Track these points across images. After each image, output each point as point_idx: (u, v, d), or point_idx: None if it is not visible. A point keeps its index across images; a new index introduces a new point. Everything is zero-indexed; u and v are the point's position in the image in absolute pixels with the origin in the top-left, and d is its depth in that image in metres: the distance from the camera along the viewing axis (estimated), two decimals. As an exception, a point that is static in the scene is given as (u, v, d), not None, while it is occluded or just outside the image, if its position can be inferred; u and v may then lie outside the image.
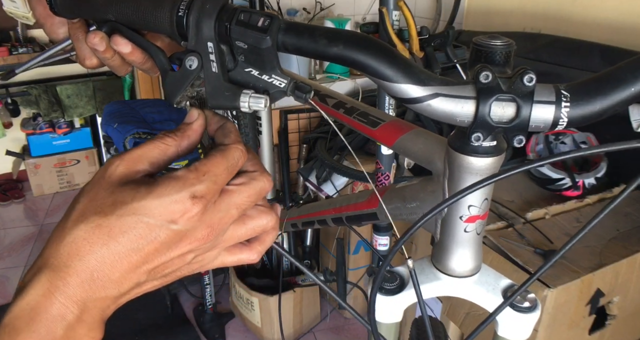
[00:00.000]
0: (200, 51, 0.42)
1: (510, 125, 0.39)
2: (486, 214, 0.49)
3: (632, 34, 1.50)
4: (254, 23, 0.40)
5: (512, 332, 0.54)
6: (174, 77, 0.43)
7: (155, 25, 0.42)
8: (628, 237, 1.19)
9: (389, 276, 0.55)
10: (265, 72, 0.42)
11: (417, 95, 0.40)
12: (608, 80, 0.38)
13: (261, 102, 0.42)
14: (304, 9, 2.33)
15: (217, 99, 0.43)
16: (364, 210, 0.68)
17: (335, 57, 0.41)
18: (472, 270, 0.52)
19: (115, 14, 0.44)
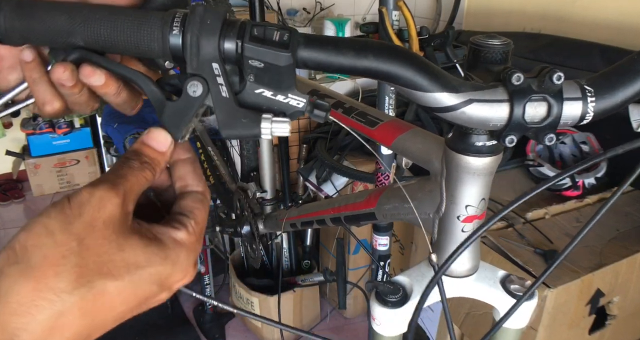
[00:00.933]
0: (204, 74, 0.36)
1: (542, 125, 0.39)
2: (484, 214, 0.49)
3: (632, 34, 1.50)
4: (271, 38, 0.36)
5: (511, 320, 0.55)
6: (175, 108, 0.37)
7: (139, 49, 0.36)
8: (628, 237, 1.19)
9: (391, 288, 0.54)
10: (281, 91, 0.37)
11: (451, 104, 0.39)
12: (626, 71, 0.39)
13: (285, 127, 0.37)
14: (304, 9, 2.33)
15: (232, 127, 0.37)
16: (362, 210, 0.68)
17: (364, 71, 0.37)
18: (470, 270, 0.52)
19: (84, 37, 0.36)
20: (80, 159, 3.10)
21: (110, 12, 0.36)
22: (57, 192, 3.08)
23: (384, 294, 0.53)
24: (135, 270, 0.30)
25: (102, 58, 0.38)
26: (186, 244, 0.33)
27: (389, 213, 0.61)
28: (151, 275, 0.31)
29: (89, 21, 0.36)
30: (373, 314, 0.54)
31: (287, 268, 1.92)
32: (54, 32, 0.36)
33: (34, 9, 0.36)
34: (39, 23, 0.36)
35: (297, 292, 1.81)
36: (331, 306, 2.06)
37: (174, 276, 0.32)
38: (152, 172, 0.35)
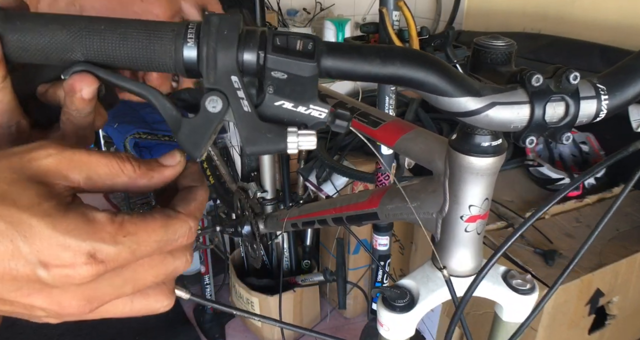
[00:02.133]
0: (223, 88, 0.33)
1: (560, 124, 0.40)
2: (487, 214, 0.50)
3: (632, 34, 1.50)
4: (294, 48, 0.34)
5: (513, 314, 0.57)
6: (193, 126, 0.34)
7: (150, 63, 0.34)
8: (628, 237, 1.19)
9: (398, 293, 0.53)
10: (302, 103, 0.35)
11: (475, 108, 0.38)
12: (635, 68, 0.40)
13: (312, 140, 0.35)
14: (304, 9, 2.33)
15: (257, 143, 0.34)
16: (365, 210, 0.69)
17: (389, 78, 0.36)
18: (473, 270, 0.52)
19: (86, 52, 0.33)
20: (80, 158, 3.10)
21: (115, 24, 0.33)
22: (57, 192, 3.07)
23: (391, 299, 0.53)
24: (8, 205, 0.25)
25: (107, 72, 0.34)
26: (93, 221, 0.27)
27: (392, 213, 0.61)
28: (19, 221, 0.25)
29: (91, 34, 0.33)
30: (381, 320, 0.54)
31: (287, 268, 1.92)
32: (49, 48, 0.33)
33: (25, 21, 0.32)
34: (31, 37, 0.32)
35: (297, 292, 1.82)
36: (331, 306, 2.06)
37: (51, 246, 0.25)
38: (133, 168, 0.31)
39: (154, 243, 0.28)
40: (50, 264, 0.25)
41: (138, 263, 0.29)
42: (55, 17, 0.33)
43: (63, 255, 0.25)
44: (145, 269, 0.29)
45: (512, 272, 0.57)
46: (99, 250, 0.26)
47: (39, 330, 1.94)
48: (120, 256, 0.27)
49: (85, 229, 0.26)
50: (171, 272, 0.30)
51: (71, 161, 0.28)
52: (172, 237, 0.29)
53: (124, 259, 0.27)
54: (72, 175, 0.28)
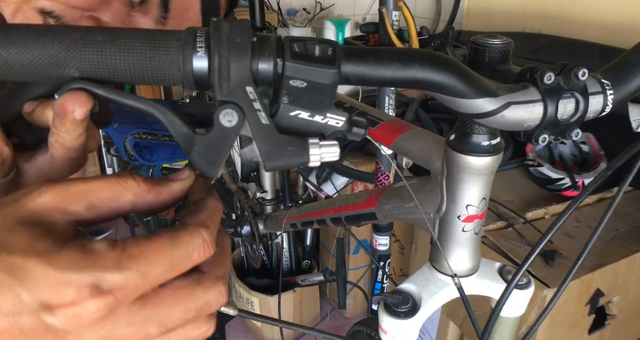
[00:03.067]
0: (238, 100, 0.31)
1: (571, 121, 0.40)
2: (484, 214, 0.50)
3: (632, 34, 1.50)
4: (313, 54, 0.31)
5: (510, 309, 0.57)
6: (207, 143, 0.31)
7: (154, 75, 0.30)
8: (628, 237, 1.19)
9: (400, 298, 0.53)
10: (319, 112, 0.33)
11: (492, 108, 0.38)
12: (635, 61, 0.41)
13: (335, 151, 0.33)
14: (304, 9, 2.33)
15: (279, 158, 0.32)
16: (363, 210, 0.68)
17: (409, 81, 0.34)
18: (471, 270, 0.52)
19: (82, 66, 0.29)
20: (80, 159, 3.10)
21: (114, 34, 0.30)
22: (57, 192, 3.08)
23: (394, 306, 0.52)
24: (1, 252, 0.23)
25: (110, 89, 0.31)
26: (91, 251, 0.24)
27: (390, 213, 0.61)
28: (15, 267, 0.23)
29: (87, 46, 0.29)
30: (384, 327, 0.53)
31: (287, 268, 1.92)
32: (38, 63, 0.29)
33: (9, 34, 0.29)
34: (16, 52, 0.28)
35: (297, 292, 1.82)
36: (331, 306, 2.06)
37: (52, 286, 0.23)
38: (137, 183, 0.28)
39: (165, 261, 0.25)
40: (54, 306, 0.23)
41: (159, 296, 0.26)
42: (45, 28, 0.29)
43: (65, 293, 0.23)
44: (170, 304, 0.26)
45: (507, 268, 0.57)
46: (103, 280, 0.23)
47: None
48: (129, 282, 0.24)
49: (83, 260, 0.24)
50: (203, 307, 0.27)
51: (67, 194, 0.26)
52: (185, 252, 0.26)
53: (135, 286, 0.24)
54: (72, 208, 0.26)
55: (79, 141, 0.32)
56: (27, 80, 0.30)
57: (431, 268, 0.54)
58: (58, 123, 0.31)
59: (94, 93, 0.30)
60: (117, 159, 3.06)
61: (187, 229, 0.27)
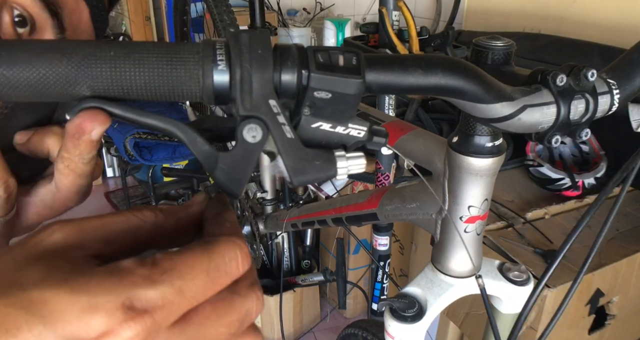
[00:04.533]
0: (261, 115, 0.29)
1: (581, 122, 0.41)
2: (486, 215, 0.50)
3: (632, 34, 1.50)
4: (337, 64, 0.30)
5: (511, 306, 0.58)
6: (231, 160, 0.30)
7: (172, 91, 0.29)
8: (628, 237, 1.19)
9: (407, 302, 0.53)
10: (341, 122, 0.32)
11: (509, 112, 0.38)
12: (638, 60, 0.41)
13: (362, 163, 0.32)
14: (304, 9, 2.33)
15: (306, 172, 0.31)
16: (364, 211, 0.69)
17: (431, 89, 0.34)
18: (473, 271, 0.52)
19: (94, 84, 0.27)
20: (80, 158, 3.10)
21: (127, 48, 0.28)
22: (57, 192, 3.08)
23: (401, 310, 0.52)
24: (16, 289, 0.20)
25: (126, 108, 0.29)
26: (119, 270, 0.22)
27: (391, 213, 0.61)
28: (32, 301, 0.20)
29: (99, 62, 0.27)
30: (391, 332, 0.53)
31: (287, 268, 1.92)
32: (45, 83, 0.27)
33: (12, 51, 0.26)
34: (21, 71, 0.26)
35: (297, 292, 1.82)
36: (331, 306, 2.06)
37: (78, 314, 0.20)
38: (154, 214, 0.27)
39: (202, 273, 0.23)
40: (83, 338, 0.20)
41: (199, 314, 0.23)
42: (51, 44, 0.27)
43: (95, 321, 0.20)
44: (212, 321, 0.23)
45: (507, 265, 0.58)
46: (135, 298, 0.20)
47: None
48: (165, 299, 0.21)
49: (110, 279, 0.21)
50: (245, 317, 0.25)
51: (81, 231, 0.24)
52: (221, 261, 0.24)
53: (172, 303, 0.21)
54: (88, 245, 0.24)
55: (90, 166, 0.30)
56: (33, 100, 0.28)
57: (434, 270, 0.54)
58: (71, 146, 0.29)
59: (109, 112, 0.28)
60: (117, 159, 3.07)
61: (219, 239, 0.25)
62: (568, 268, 1.08)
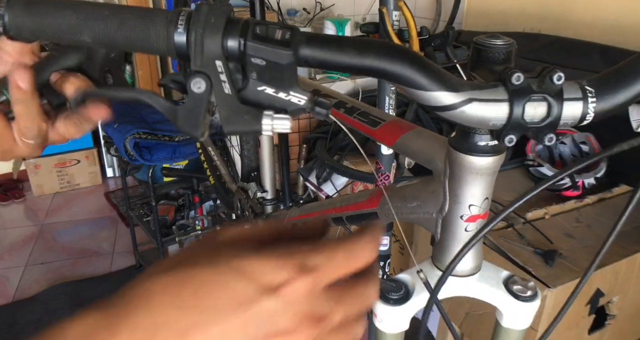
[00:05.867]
0: (207, 72, 0.37)
1: (542, 125, 0.39)
2: (487, 213, 0.50)
3: (632, 34, 1.50)
4: (273, 36, 0.36)
5: (514, 321, 0.55)
6: (186, 110, 0.37)
7: (145, 46, 0.37)
8: (628, 237, 1.19)
9: (394, 285, 0.54)
10: (283, 89, 0.38)
11: (451, 102, 0.39)
12: (628, 72, 0.39)
13: (286, 124, 0.38)
14: (304, 9, 2.33)
15: (234, 123, 0.38)
16: (365, 210, 0.69)
17: (365, 69, 0.38)
18: (473, 269, 0.52)
19: (91, 34, 0.37)
20: (81, 159, 3.10)
21: (117, 10, 0.37)
22: (57, 192, 3.08)
23: (386, 291, 0.54)
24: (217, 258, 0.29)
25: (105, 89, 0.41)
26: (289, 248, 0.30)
27: (391, 213, 0.61)
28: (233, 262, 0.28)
29: (96, 19, 0.37)
30: (375, 311, 0.55)
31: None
32: (63, 30, 0.37)
33: (44, 7, 0.37)
34: (48, 20, 0.37)
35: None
36: (331, 306, 2.06)
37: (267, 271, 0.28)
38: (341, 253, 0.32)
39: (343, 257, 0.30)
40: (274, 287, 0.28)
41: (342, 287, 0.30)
42: (66, 4, 0.37)
43: (281, 274, 0.28)
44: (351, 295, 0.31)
45: (515, 278, 0.55)
46: (306, 260, 0.29)
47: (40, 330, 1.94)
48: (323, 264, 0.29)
49: (287, 251, 0.29)
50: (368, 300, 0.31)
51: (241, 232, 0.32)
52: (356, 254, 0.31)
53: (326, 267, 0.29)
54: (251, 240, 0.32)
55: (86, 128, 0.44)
56: (56, 41, 0.39)
57: (432, 264, 0.54)
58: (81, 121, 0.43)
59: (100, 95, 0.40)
60: (117, 159, 3.07)
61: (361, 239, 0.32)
62: (568, 268, 1.08)
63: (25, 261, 2.40)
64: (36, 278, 2.28)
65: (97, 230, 2.68)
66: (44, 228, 2.71)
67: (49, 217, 2.81)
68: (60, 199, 3.02)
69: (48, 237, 2.62)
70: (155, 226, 1.91)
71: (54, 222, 2.76)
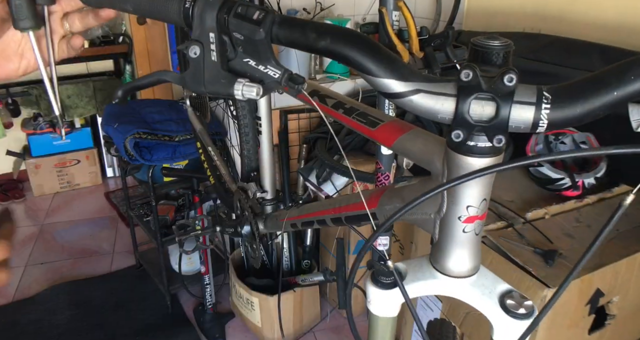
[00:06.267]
0: (202, 40, 0.45)
1: (489, 125, 0.40)
2: (485, 215, 0.49)
3: (632, 34, 1.50)
4: (250, 16, 0.43)
5: (502, 336, 0.52)
6: (190, 73, 0.46)
7: (165, 16, 0.47)
8: (628, 237, 1.19)
9: (386, 271, 0.55)
10: (261, 62, 0.46)
11: (399, 90, 0.41)
12: (592, 83, 0.37)
13: (253, 91, 0.45)
14: (304, 9, 2.33)
15: (213, 85, 0.46)
16: (364, 211, 0.68)
17: (323, 51, 0.42)
18: (469, 271, 0.52)
19: (133, 5, 0.48)
20: (81, 159, 3.11)
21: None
22: (58, 192, 3.08)
23: (377, 275, 0.55)
24: None
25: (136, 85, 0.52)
26: None
27: (390, 213, 0.61)
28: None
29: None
30: (368, 294, 0.57)
31: (287, 268, 1.92)
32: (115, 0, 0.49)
33: None
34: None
35: (297, 292, 1.82)
36: (331, 306, 2.06)
37: None
38: None
39: None
40: None
41: None
42: None
43: None
44: None
45: (514, 294, 0.52)
46: None
47: (40, 330, 1.94)
48: None
49: None
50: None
51: None
52: None
53: None
54: None
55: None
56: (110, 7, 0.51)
57: (428, 261, 0.54)
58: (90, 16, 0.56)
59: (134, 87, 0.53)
60: (117, 159, 3.07)
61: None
62: (568, 268, 1.08)
63: (25, 261, 2.41)
64: (36, 278, 2.28)
65: (97, 230, 2.68)
66: (44, 228, 2.71)
67: (49, 217, 2.81)
68: (60, 199, 3.02)
69: (48, 237, 2.62)
70: (155, 226, 1.91)
71: (54, 222, 2.76)
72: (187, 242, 2.04)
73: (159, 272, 2.01)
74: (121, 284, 2.23)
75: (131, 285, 2.22)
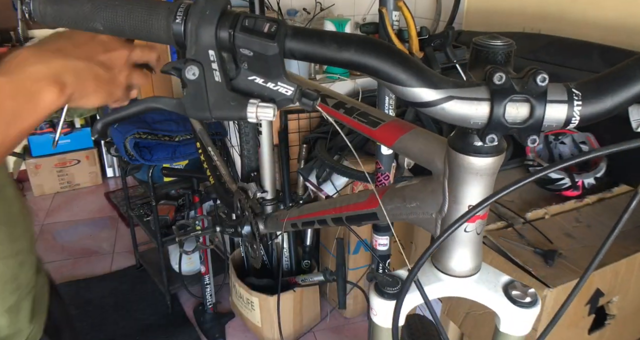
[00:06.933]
0: (200, 60, 0.39)
1: (524, 126, 0.39)
2: (486, 214, 0.50)
3: (632, 34, 1.50)
4: (260, 29, 0.38)
5: (513, 328, 0.55)
6: (189, 98, 0.41)
7: (149, 34, 0.41)
8: (628, 237, 1.19)
9: (390, 281, 0.54)
10: (271, 79, 0.41)
11: (430, 99, 0.39)
12: (618, 77, 0.38)
13: (269, 112, 0.40)
14: (304, 9, 2.33)
15: (221, 109, 0.40)
16: (364, 211, 0.69)
17: (346, 63, 0.39)
18: (472, 270, 0.52)
19: (103, 22, 0.41)
20: (81, 159, 3.10)
21: (126, 1, 0.41)
22: (58, 192, 3.08)
23: (382, 286, 0.54)
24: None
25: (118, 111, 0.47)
26: None
27: (391, 213, 0.61)
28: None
29: (107, 8, 0.41)
30: (371, 305, 0.55)
31: (287, 268, 1.92)
32: (79, 17, 0.42)
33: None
34: (66, 8, 0.42)
35: (297, 292, 1.82)
36: (331, 306, 2.06)
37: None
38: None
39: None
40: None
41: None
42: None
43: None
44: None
45: (516, 284, 0.54)
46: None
47: (39, 330, 1.94)
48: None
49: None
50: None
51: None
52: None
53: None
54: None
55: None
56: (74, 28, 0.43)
57: (431, 264, 0.54)
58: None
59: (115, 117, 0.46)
60: (117, 159, 3.06)
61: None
62: (568, 268, 1.08)
63: (25, 261, 2.40)
64: (36, 278, 2.28)
65: (97, 230, 2.68)
66: (44, 228, 2.70)
67: (49, 217, 2.81)
68: (61, 199, 3.02)
69: (48, 237, 2.62)
70: (155, 226, 1.91)
71: (54, 222, 2.76)
72: (187, 242, 2.04)
73: (159, 272, 2.01)
74: (121, 284, 2.23)
75: (131, 285, 2.22)
